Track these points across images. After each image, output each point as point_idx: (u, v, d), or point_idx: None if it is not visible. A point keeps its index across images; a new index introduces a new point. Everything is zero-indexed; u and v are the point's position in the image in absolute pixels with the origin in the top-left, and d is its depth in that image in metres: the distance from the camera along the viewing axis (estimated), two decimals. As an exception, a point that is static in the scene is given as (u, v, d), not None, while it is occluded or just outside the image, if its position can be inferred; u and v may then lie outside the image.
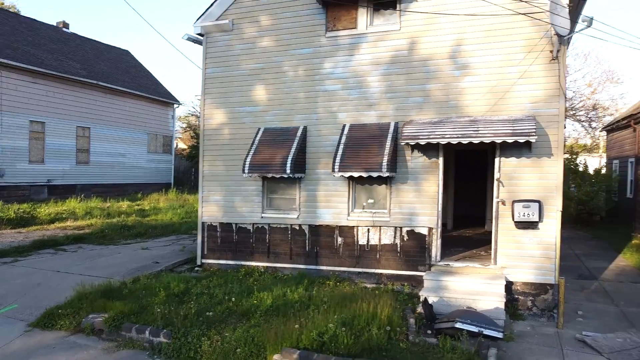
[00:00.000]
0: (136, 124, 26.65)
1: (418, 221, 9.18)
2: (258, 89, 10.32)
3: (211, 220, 10.79)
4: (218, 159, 10.70)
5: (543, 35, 8.21)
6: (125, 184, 25.98)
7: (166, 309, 7.77)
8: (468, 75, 8.81)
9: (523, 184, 8.48)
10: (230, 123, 10.58)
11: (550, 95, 8.28)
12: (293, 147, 9.60)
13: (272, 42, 10.15)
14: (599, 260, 13.16)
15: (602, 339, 7.24)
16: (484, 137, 7.89)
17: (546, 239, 8.37)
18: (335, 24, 9.64)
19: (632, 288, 10.23)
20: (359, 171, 8.86)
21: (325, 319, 7.06)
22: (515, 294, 8.56)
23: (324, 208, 9.83)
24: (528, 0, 7.93)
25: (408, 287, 9.18)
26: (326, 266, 9.85)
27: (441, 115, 8.94)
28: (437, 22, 8.92)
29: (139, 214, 19.52)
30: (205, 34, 10.65)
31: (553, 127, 8.26)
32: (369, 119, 9.48)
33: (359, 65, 9.54)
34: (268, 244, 10.31)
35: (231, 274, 10.13)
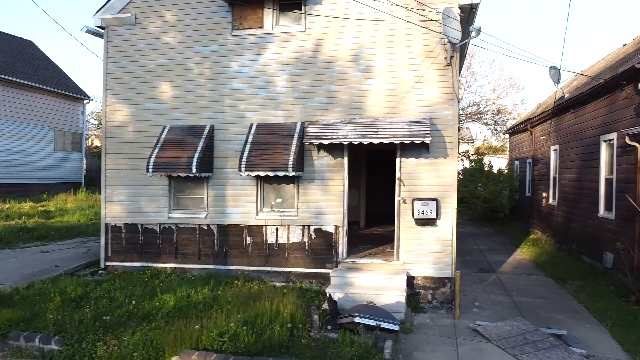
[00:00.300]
0: (41, 120, 24.87)
1: (325, 220, 9.36)
2: (163, 85, 10.03)
3: (115, 221, 10.35)
4: (122, 158, 10.27)
5: (438, 42, 8.66)
6: (29, 184, 24.18)
7: (60, 315, 7.38)
8: (370, 78, 9.10)
9: (422, 183, 8.90)
10: (134, 120, 10.20)
11: (446, 99, 8.76)
12: (199, 146, 9.43)
13: (177, 38, 9.90)
14: (499, 255, 14.11)
15: (493, 327, 7.75)
16: (383, 138, 8.19)
17: (443, 235, 8.84)
18: (242, 22, 9.57)
19: (526, 279, 11.05)
20: (266, 170, 8.88)
21: (228, 318, 7.03)
22: (417, 288, 8.96)
23: (233, 207, 9.75)
24: (423, 9, 8.32)
25: (316, 284, 9.34)
26: (235, 266, 9.78)
27: (346, 116, 9.17)
28: (341, 25, 9.12)
29: (42, 216, 18.26)
30: (106, 27, 10.17)
31: (448, 129, 8.75)
32: (276, 118, 9.52)
33: (265, 65, 9.55)
34: (176, 244, 10.06)
35: (136, 276, 9.78)
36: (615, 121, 10.56)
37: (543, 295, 9.72)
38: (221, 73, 9.75)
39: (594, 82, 11.82)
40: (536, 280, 11.04)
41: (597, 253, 11.44)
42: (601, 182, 11.36)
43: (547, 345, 7.14)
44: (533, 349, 6.98)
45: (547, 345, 7.13)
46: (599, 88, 11.13)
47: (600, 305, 8.94)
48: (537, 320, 8.18)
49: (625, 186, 9.91)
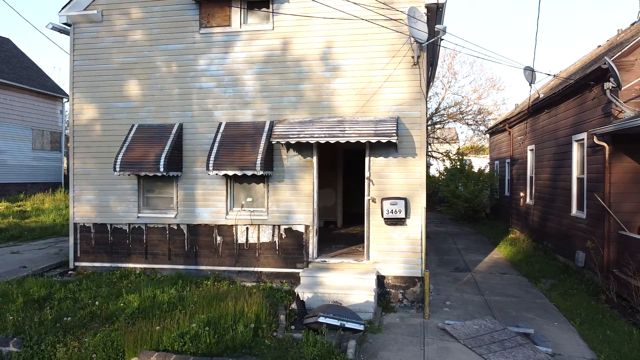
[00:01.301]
0: (19, 119, 24.46)
1: (295, 219, 9.29)
2: (131, 84, 9.88)
3: (84, 221, 10.19)
4: (90, 157, 10.12)
5: (405, 42, 8.63)
6: (6, 184, 23.78)
7: (20, 316, 7.23)
8: (338, 77, 9.05)
9: (391, 182, 8.86)
10: (102, 119, 10.04)
11: (414, 99, 8.73)
12: (167, 145, 9.31)
13: (144, 35, 9.77)
14: (476, 254, 14.14)
15: (461, 326, 7.74)
16: (349, 137, 8.15)
17: (413, 235, 8.81)
18: (209, 20, 9.46)
19: (500, 279, 11.07)
20: (234, 170, 8.79)
21: (191, 319, 6.94)
22: (388, 287, 8.93)
23: (203, 207, 9.64)
24: (389, 8, 8.29)
25: (287, 284, 9.26)
26: (206, 266, 9.68)
27: (314, 115, 9.10)
28: (309, 23, 9.06)
29: (17, 216, 17.96)
30: (72, 24, 10.00)
31: (417, 128, 8.72)
32: (245, 117, 9.42)
33: (233, 64, 9.45)
34: (145, 244, 9.92)
35: (105, 277, 9.64)
36: (585, 121, 10.62)
37: (515, 294, 9.74)
38: (189, 71, 9.63)
39: (566, 83, 11.89)
40: (510, 279, 11.06)
41: (570, 252, 11.50)
42: (573, 181, 11.42)
43: (513, 344, 7.14)
44: (499, 347, 6.98)
45: (514, 344, 7.14)
46: (570, 88, 11.19)
47: (571, 304, 8.98)
48: (507, 319, 8.19)
49: (595, 186, 9.97)
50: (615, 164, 9.37)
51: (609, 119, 9.42)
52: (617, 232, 9.27)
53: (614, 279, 8.96)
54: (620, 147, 9.27)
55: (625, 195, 9.30)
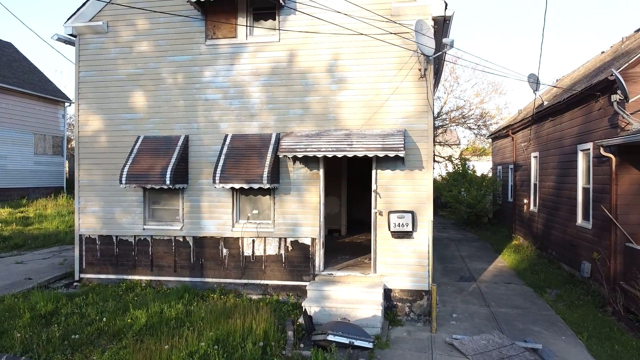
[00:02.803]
0: (20, 123, 24.45)
1: (301, 232, 9.26)
2: (137, 95, 9.86)
3: (90, 233, 10.17)
4: (95, 168, 10.09)
5: (412, 54, 8.61)
6: (8, 189, 23.78)
7: (27, 333, 7.20)
8: (345, 89, 9.02)
9: (398, 195, 8.83)
10: (107, 130, 10.02)
11: (420, 111, 8.71)
12: (174, 157, 9.29)
13: (149, 47, 9.74)
14: (480, 262, 14.12)
15: (469, 341, 7.71)
16: (356, 152, 8.12)
17: (420, 248, 8.78)
18: (215, 32, 9.43)
19: (505, 289, 11.04)
20: (240, 182, 8.76)
21: (199, 337, 6.92)
22: (394, 300, 8.91)
23: (208, 219, 9.62)
24: (396, 21, 8.27)
25: (293, 297, 9.24)
26: (212, 278, 9.66)
27: (321, 128, 9.08)
28: (315, 35, 9.03)
29: (20, 223, 17.95)
30: (77, 35, 9.98)
31: (423, 141, 8.69)
32: (251, 129, 9.40)
33: (239, 75, 9.43)
34: (151, 256, 9.90)
35: (111, 289, 9.62)
36: (591, 131, 10.60)
37: (521, 306, 9.72)
38: (195, 83, 9.61)
39: (571, 91, 11.87)
40: (515, 289, 11.04)
41: (575, 261, 11.48)
42: (579, 191, 11.40)
43: (522, 359, 7.12)
44: (508, 364, 6.97)
45: (522, 359, 7.12)
46: (576, 98, 11.16)
47: (578, 316, 8.96)
48: (514, 333, 8.17)
49: (601, 196, 9.95)
50: (621, 176, 9.34)
51: (615, 130, 9.40)
52: (624, 244, 9.24)
53: (621, 291, 8.94)
54: (627, 158, 9.25)
55: (632, 206, 9.28)
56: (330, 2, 8.99)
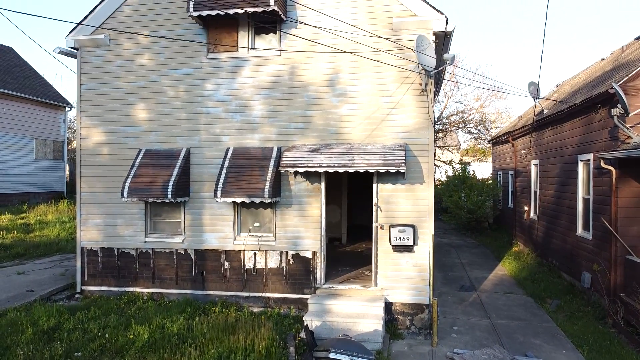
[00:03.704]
0: (21, 128, 24.49)
1: (303, 245, 9.29)
2: (138, 108, 9.89)
3: (91, 245, 10.20)
4: (97, 180, 10.12)
5: (413, 69, 8.63)
6: (9, 194, 23.82)
7: (30, 350, 7.22)
8: (346, 103, 9.05)
9: (399, 209, 8.86)
10: (109, 143, 10.05)
11: (421, 125, 8.74)
12: (175, 170, 9.32)
13: (151, 60, 9.77)
14: (481, 270, 14.14)
15: (470, 356, 7.72)
16: (358, 167, 8.15)
17: (421, 262, 8.81)
18: (217, 45, 9.47)
19: (505, 299, 11.07)
20: (242, 197, 8.79)
21: (202, 354, 6.95)
22: (395, 313, 8.93)
23: (210, 232, 9.65)
24: (397, 35, 8.29)
25: (295, 310, 9.27)
26: (213, 291, 9.68)
27: (322, 141, 9.11)
28: (316, 49, 9.05)
29: (22, 230, 17.97)
30: (79, 47, 10.01)
31: (424, 155, 8.72)
32: (253, 142, 9.43)
33: (241, 89, 9.46)
34: (153, 269, 9.93)
35: (113, 302, 9.64)
36: (591, 142, 10.63)
37: (522, 317, 9.75)
38: (197, 96, 9.64)
39: (571, 100, 11.90)
40: (516, 299, 11.07)
41: (575, 271, 11.51)
42: (579, 200, 11.43)
43: (522, 375, 7.16)
44: (508, 379, 7.00)
45: (523, 375, 7.15)
46: (576, 108, 11.19)
47: (578, 328, 8.99)
48: (515, 346, 8.21)
49: (601, 207, 9.98)
50: (622, 188, 9.37)
51: (615, 143, 9.43)
52: (624, 257, 9.27)
53: (621, 303, 8.98)
54: (627, 171, 9.28)
55: (632, 219, 9.31)
56: (331, 17, 9.02)
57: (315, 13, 9.01)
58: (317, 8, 9.04)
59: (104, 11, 9.81)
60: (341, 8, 9.02)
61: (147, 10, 9.64)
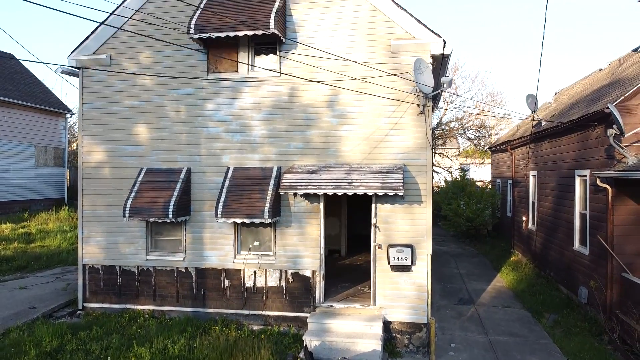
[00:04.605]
0: (22, 136, 24.59)
1: (302, 264, 9.39)
2: (140, 127, 9.99)
3: (93, 262, 10.30)
4: (99, 199, 10.22)
5: (411, 91, 8.74)
6: (10, 202, 23.92)
7: (34, 374, 7.34)
8: (345, 124, 9.15)
9: (397, 229, 8.96)
10: (111, 161, 10.15)
11: (419, 147, 8.84)
12: (176, 190, 9.42)
13: (152, 80, 9.87)
14: (479, 281, 14.23)
15: (466, 374, 7.84)
16: (357, 190, 8.25)
17: (419, 281, 8.91)
18: (217, 66, 9.57)
19: (503, 313, 11.16)
20: (242, 217, 8.90)
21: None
22: (394, 332, 9.04)
23: (210, 250, 9.75)
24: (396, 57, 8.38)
25: (294, 328, 9.37)
26: (214, 309, 9.78)
27: (322, 161, 9.21)
28: (316, 70, 9.15)
29: (23, 240, 18.08)
30: (81, 67, 10.11)
31: (422, 176, 8.82)
32: (253, 162, 9.53)
33: (241, 109, 9.56)
34: (154, 286, 10.03)
35: (114, 319, 9.74)
36: (588, 158, 10.73)
37: (519, 333, 9.85)
38: (197, 116, 9.74)
39: (569, 115, 12.00)
40: (513, 313, 11.17)
41: (572, 284, 11.62)
42: (576, 215, 11.53)
43: (518, 396, 7.24)
44: (505, 400, 7.09)
45: (519, 396, 7.24)
46: (573, 123, 11.28)
47: (575, 345, 9.09)
48: (512, 365, 8.31)
49: (598, 224, 10.08)
50: (618, 206, 9.48)
51: (611, 161, 9.53)
52: (620, 274, 9.38)
53: (617, 321, 9.08)
54: (623, 190, 9.38)
55: (628, 237, 9.41)
56: (330, 39, 9.14)
57: (315, 35, 9.12)
58: (316, 30, 9.15)
59: (106, 31, 9.91)
60: (340, 30, 9.12)
61: (147, 31, 9.72)
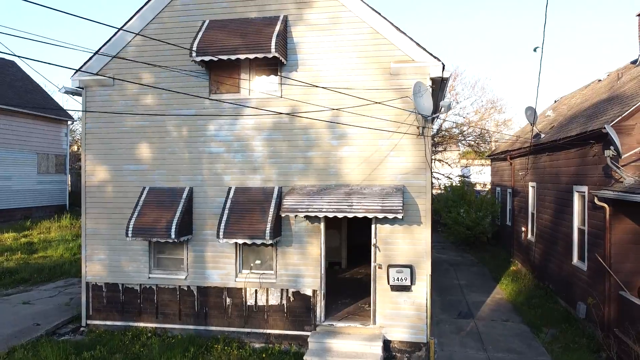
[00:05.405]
0: (23, 144, 24.72)
1: (303, 283, 9.50)
2: (142, 147, 10.10)
3: (96, 280, 10.41)
4: (102, 217, 10.33)
5: (410, 113, 8.85)
6: (12, 209, 24.07)
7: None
8: (345, 145, 9.27)
9: (397, 249, 9.08)
10: (114, 181, 10.26)
11: (419, 168, 8.95)
12: (178, 210, 9.53)
13: (155, 100, 9.98)
14: (478, 293, 14.30)
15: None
16: (357, 213, 8.37)
17: (419, 301, 9.03)
18: (219, 87, 9.68)
19: (502, 328, 11.24)
20: (244, 238, 9.01)
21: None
22: (393, 351, 9.15)
23: (212, 269, 9.86)
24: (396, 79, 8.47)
25: (295, 346, 9.48)
26: (216, 326, 9.89)
27: (322, 182, 9.32)
28: (316, 92, 9.26)
29: (25, 250, 18.22)
30: (84, 87, 10.22)
31: (421, 197, 8.93)
32: (254, 182, 9.64)
33: (243, 130, 9.67)
34: (156, 304, 10.14)
35: (117, 337, 9.85)
36: (586, 175, 10.83)
37: (518, 350, 9.93)
38: (199, 136, 9.85)
39: (568, 131, 12.10)
40: (512, 328, 11.26)
41: (571, 298, 11.72)
42: (574, 230, 11.63)
43: (517, 417, 7.34)
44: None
45: (517, 417, 7.34)
46: (571, 140, 11.37)
47: (572, 362, 9.19)
48: (510, 384, 8.40)
49: (596, 241, 10.18)
50: (615, 225, 9.57)
51: (609, 180, 9.62)
52: (618, 292, 9.48)
53: (615, 338, 9.18)
54: (621, 209, 9.47)
55: (626, 255, 9.51)
56: (331, 61, 9.24)
57: (316, 57, 9.23)
58: (317, 52, 9.26)
59: (109, 52, 10.02)
60: (341, 52, 9.22)
61: (150, 52, 9.84)
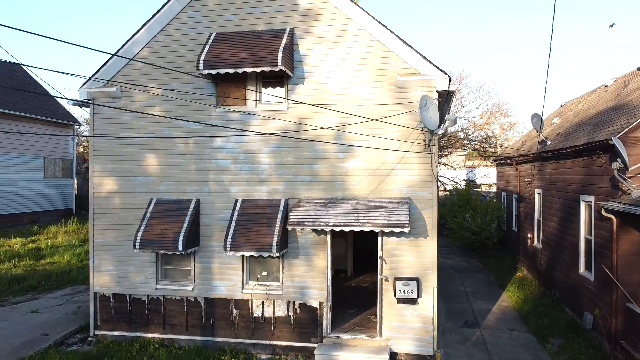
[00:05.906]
0: (30, 148, 24.92)
1: (310, 294, 9.53)
2: (150, 159, 10.16)
3: (104, 291, 10.49)
4: (110, 228, 10.40)
5: (417, 126, 8.86)
6: (19, 214, 24.27)
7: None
8: (352, 157, 9.29)
9: (403, 261, 9.09)
10: (121, 192, 10.33)
11: (425, 181, 8.96)
12: (186, 222, 9.58)
13: (162, 112, 10.03)
14: (485, 301, 14.27)
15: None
16: (363, 227, 8.39)
17: (425, 313, 9.04)
18: (226, 99, 9.73)
19: (508, 337, 11.23)
20: (251, 251, 9.06)
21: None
22: (399, 362, 9.17)
23: (219, 280, 9.91)
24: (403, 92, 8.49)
25: (301, 357, 9.51)
26: (222, 337, 9.93)
27: (328, 195, 9.35)
28: (323, 104, 9.27)
29: (33, 256, 18.34)
30: (92, 99, 10.29)
31: (428, 209, 8.94)
32: (261, 194, 9.68)
33: (250, 142, 9.71)
34: (164, 315, 10.20)
35: (125, 348, 9.91)
36: (593, 184, 10.80)
37: (524, 361, 9.94)
38: (206, 148, 9.90)
39: (574, 140, 12.07)
40: (518, 338, 11.24)
41: (578, 308, 11.69)
42: (581, 239, 11.60)
43: None
44: None
45: None
46: (577, 148, 11.34)
47: (579, 374, 9.17)
48: (517, 397, 8.39)
49: (603, 252, 10.15)
50: (623, 236, 9.55)
51: (616, 191, 9.60)
52: (625, 304, 9.45)
53: (622, 351, 9.16)
54: (628, 221, 9.45)
55: (633, 267, 9.48)
56: (337, 73, 9.27)
57: (322, 69, 9.26)
58: (323, 65, 9.29)
59: (116, 64, 10.09)
60: (347, 65, 9.25)
61: (157, 65, 9.87)
